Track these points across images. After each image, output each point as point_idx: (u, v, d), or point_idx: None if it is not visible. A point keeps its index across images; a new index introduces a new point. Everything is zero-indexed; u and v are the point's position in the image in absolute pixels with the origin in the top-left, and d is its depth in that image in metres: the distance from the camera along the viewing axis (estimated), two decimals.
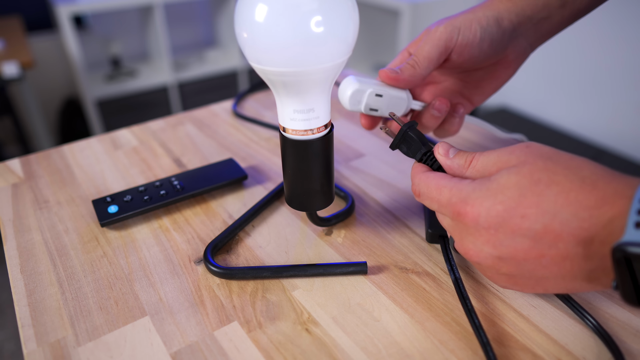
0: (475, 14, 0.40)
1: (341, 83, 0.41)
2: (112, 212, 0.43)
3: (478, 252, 0.30)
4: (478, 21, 0.40)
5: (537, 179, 0.28)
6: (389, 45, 2.33)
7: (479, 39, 0.39)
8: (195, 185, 0.46)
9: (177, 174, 0.48)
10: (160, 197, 0.45)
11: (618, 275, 0.24)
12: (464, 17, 0.40)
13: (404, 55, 0.43)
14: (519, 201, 0.27)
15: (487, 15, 0.40)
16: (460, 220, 0.30)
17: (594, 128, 1.86)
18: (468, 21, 0.39)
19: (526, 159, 0.29)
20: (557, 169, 0.28)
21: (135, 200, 0.44)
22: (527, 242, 0.27)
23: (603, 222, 0.25)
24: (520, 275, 0.29)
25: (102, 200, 0.45)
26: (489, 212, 0.28)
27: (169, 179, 0.47)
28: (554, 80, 1.96)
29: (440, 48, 0.39)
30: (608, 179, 0.26)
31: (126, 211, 0.43)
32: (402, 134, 0.36)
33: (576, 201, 0.26)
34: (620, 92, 1.75)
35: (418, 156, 0.36)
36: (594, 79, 1.82)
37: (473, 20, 0.40)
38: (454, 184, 0.31)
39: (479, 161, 0.32)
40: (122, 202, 0.44)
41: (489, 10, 0.40)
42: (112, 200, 0.45)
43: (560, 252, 0.27)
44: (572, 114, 1.93)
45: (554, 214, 0.26)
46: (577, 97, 1.89)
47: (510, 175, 0.29)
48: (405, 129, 0.36)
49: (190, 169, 0.51)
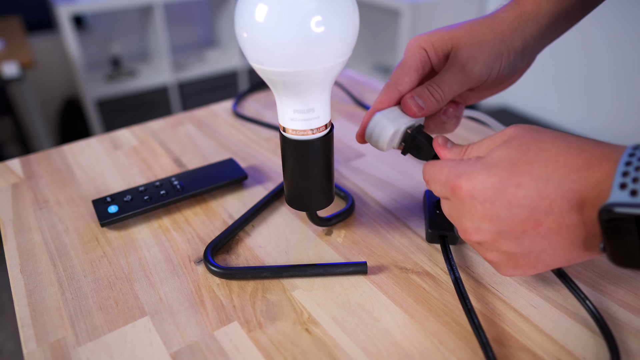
0: (505, 45, 0.39)
1: (370, 124, 0.38)
2: (112, 212, 0.43)
3: (477, 230, 0.30)
4: (507, 57, 0.39)
5: (526, 148, 0.29)
6: (389, 45, 2.33)
7: (504, 75, 0.40)
8: (195, 185, 0.46)
9: (177, 174, 0.48)
10: (160, 197, 0.45)
11: (605, 237, 0.25)
12: (493, 52, 0.38)
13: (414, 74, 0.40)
14: (511, 171, 0.28)
15: (516, 47, 0.39)
16: (456, 197, 0.31)
17: (594, 128, 1.86)
18: (499, 58, 0.39)
19: (514, 134, 0.31)
20: (544, 138, 0.29)
21: (135, 200, 0.44)
22: (524, 212, 0.28)
23: (592, 184, 0.26)
24: (521, 253, 0.30)
25: (102, 200, 0.45)
26: (484, 184, 0.29)
27: (169, 179, 0.47)
28: (554, 80, 1.96)
29: (468, 87, 0.39)
30: (594, 144, 0.27)
31: (126, 211, 0.43)
32: (411, 139, 0.37)
33: (565, 164, 0.27)
34: (620, 92, 1.75)
35: (429, 158, 0.37)
36: (594, 79, 1.82)
37: (503, 56, 0.39)
38: (452, 164, 0.32)
39: (474, 148, 0.33)
40: (122, 202, 0.44)
41: (517, 39, 0.39)
42: (112, 200, 0.45)
43: (556, 220, 0.27)
44: (572, 114, 1.93)
45: (546, 179, 0.27)
46: (577, 97, 1.89)
47: (501, 150, 0.30)
48: (414, 134, 0.37)
49: (190, 169, 0.51)
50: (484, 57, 0.38)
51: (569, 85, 1.91)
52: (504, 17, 0.39)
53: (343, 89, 0.71)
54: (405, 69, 0.39)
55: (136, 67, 2.32)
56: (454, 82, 0.38)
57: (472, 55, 0.38)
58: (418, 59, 0.40)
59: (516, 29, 0.39)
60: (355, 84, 0.74)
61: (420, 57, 0.40)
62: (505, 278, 0.37)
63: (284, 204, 0.47)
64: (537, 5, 0.39)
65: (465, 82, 0.39)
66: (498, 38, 0.39)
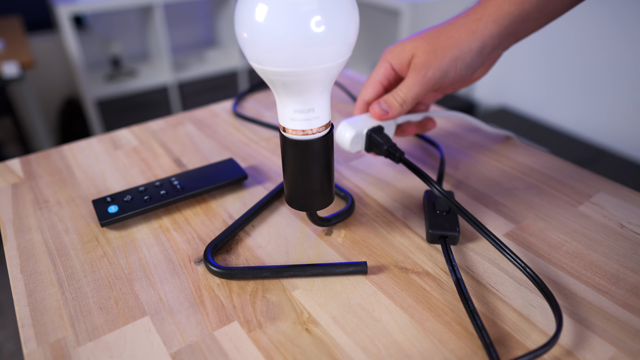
0: (460, 49, 0.43)
1: (337, 130, 0.45)
2: (112, 212, 0.43)
3: None
4: (462, 60, 0.43)
5: None
6: (388, 45, 2.33)
7: (464, 75, 0.44)
8: (195, 185, 0.46)
9: (177, 174, 0.48)
10: (160, 197, 0.45)
11: None
12: (450, 58, 0.43)
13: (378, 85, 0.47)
14: None
15: (472, 49, 0.43)
16: None
17: (594, 128, 1.86)
18: (454, 61, 0.43)
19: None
20: None
21: (135, 200, 0.44)
22: None
23: None
24: None
25: (102, 200, 0.45)
26: None
27: (169, 179, 0.47)
28: (553, 80, 1.96)
29: (428, 90, 0.44)
30: None
31: (126, 211, 0.43)
32: (368, 139, 0.45)
33: None
34: (620, 92, 1.75)
35: (386, 155, 0.44)
36: (593, 79, 1.82)
37: (458, 59, 0.43)
38: None
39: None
40: (122, 202, 0.44)
41: (474, 41, 0.43)
42: (112, 200, 0.45)
43: None
44: (572, 114, 1.93)
45: None
46: (577, 97, 1.89)
47: None
48: (369, 133, 0.45)
49: (190, 169, 0.51)
50: (438, 62, 0.43)
51: (569, 85, 1.91)
52: (463, 21, 0.43)
53: (343, 89, 0.71)
54: (370, 81, 0.47)
55: (136, 67, 2.32)
56: (413, 86, 0.43)
57: (427, 61, 0.43)
58: (382, 72, 0.46)
59: (473, 32, 0.42)
60: (355, 84, 0.74)
61: (384, 70, 0.46)
62: (505, 278, 0.37)
63: (284, 204, 0.47)
64: (498, 7, 0.42)
65: (423, 86, 0.43)
66: (454, 43, 0.43)
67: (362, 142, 0.45)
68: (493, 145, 0.56)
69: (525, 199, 0.47)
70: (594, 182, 0.49)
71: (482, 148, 0.56)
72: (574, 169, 0.51)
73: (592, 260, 0.39)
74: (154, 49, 2.28)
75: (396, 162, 0.44)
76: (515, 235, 0.42)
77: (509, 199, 0.47)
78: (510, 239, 0.41)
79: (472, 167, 0.52)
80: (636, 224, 0.43)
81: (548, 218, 0.44)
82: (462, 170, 0.52)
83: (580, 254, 0.40)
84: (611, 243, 0.41)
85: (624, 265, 0.38)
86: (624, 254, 0.39)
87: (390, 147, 0.44)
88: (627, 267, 0.38)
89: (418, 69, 0.43)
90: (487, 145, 0.56)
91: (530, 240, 0.41)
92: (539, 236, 0.42)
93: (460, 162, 0.53)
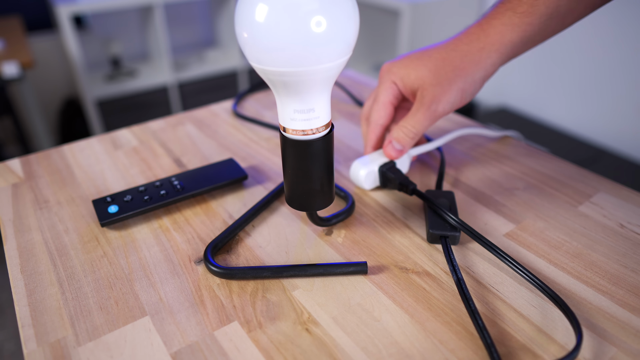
0: (465, 81, 0.43)
1: (350, 171, 0.48)
2: (112, 212, 0.43)
3: None
4: (467, 90, 0.43)
5: None
6: (389, 45, 2.33)
7: (466, 102, 0.45)
8: (195, 185, 0.46)
9: (177, 174, 0.48)
10: (160, 197, 0.45)
11: None
12: (456, 89, 0.43)
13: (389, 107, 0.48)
14: None
15: (476, 80, 0.43)
16: None
17: (594, 128, 1.86)
18: (460, 92, 0.43)
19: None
20: None
21: (136, 200, 0.44)
22: None
23: None
24: None
25: (102, 201, 0.45)
26: None
27: (169, 179, 0.47)
28: (553, 80, 1.96)
29: (434, 119, 0.45)
30: None
31: (126, 211, 0.43)
32: (382, 175, 0.47)
33: None
34: (620, 92, 1.75)
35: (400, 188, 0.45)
36: (593, 79, 1.82)
37: (464, 90, 0.43)
38: None
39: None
40: (122, 202, 0.44)
41: (478, 72, 0.43)
42: (112, 200, 0.45)
43: None
44: (571, 114, 1.93)
45: None
46: (577, 97, 1.89)
47: None
48: (383, 170, 0.46)
49: (190, 169, 0.51)
50: (447, 96, 0.43)
51: (569, 85, 1.91)
52: (466, 50, 0.43)
53: (343, 89, 0.71)
54: (381, 104, 0.47)
55: (136, 67, 2.32)
56: (424, 120, 0.44)
57: (435, 96, 0.43)
58: (390, 93, 0.47)
59: (477, 62, 0.42)
60: (355, 84, 0.74)
61: (392, 91, 0.47)
62: (505, 278, 0.37)
63: (284, 204, 0.47)
64: (501, 36, 0.42)
65: (432, 119, 0.44)
66: (459, 75, 0.43)
67: (376, 179, 0.47)
68: (493, 145, 0.56)
69: (525, 199, 0.47)
70: (594, 182, 0.49)
71: (482, 148, 0.56)
72: (574, 169, 0.51)
73: (592, 260, 0.39)
74: (154, 49, 2.28)
75: (409, 195, 0.45)
76: (515, 235, 0.42)
77: (509, 199, 0.47)
78: (511, 239, 0.41)
79: (472, 167, 0.52)
80: (636, 224, 0.43)
81: (548, 218, 0.44)
82: (462, 170, 0.52)
83: (580, 254, 0.40)
84: (611, 243, 0.41)
85: (624, 265, 0.38)
86: (624, 254, 0.39)
87: (402, 180, 0.45)
88: (627, 267, 0.38)
89: (427, 104, 0.43)
90: (487, 145, 0.56)
91: (530, 240, 0.41)
92: (539, 236, 0.42)
93: (460, 162, 0.53)
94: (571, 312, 0.32)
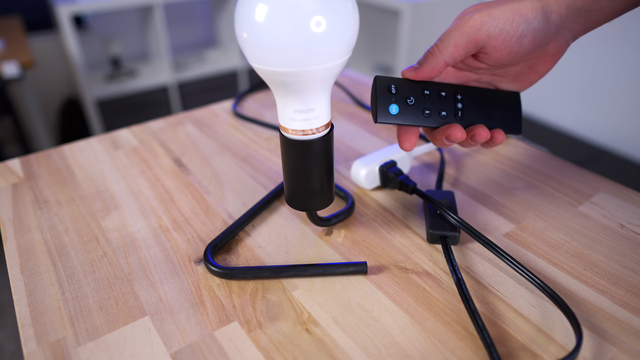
0: (520, 5, 0.36)
1: (351, 170, 0.48)
2: (392, 114, 0.37)
3: None
4: (522, 14, 0.36)
5: None
6: (389, 45, 2.33)
7: (520, 33, 0.37)
8: (472, 118, 0.39)
9: (463, 89, 0.40)
10: (439, 117, 0.39)
11: None
12: (506, 8, 0.36)
13: None
14: None
15: (535, 7, 0.37)
16: None
17: (594, 128, 1.86)
18: (510, 12, 0.36)
19: None
20: None
21: (415, 109, 0.38)
22: None
23: None
24: None
25: (387, 88, 0.38)
26: None
27: (454, 92, 0.40)
28: (553, 80, 1.96)
29: (471, 37, 0.36)
30: None
31: (404, 119, 0.38)
32: (382, 174, 0.47)
33: None
34: (620, 92, 1.75)
35: (400, 187, 0.45)
36: (593, 79, 1.82)
37: (516, 12, 0.36)
38: None
39: None
40: (404, 103, 0.38)
41: (537, 1, 0.37)
42: (396, 92, 0.38)
43: None
44: (571, 114, 1.93)
45: None
46: (577, 97, 1.89)
47: None
48: (383, 170, 0.46)
49: (471, 87, 0.41)
50: (490, 9, 0.37)
51: (569, 85, 1.91)
52: None
53: (343, 89, 0.71)
54: None
55: (136, 67, 2.32)
56: (453, 29, 0.37)
57: (476, 10, 0.37)
58: None
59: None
60: (355, 84, 0.74)
61: None
62: (505, 278, 0.37)
63: (284, 204, 0.47)
64: None
65: (465, 31, 0.36)
66: (512, 1, 0.37)
67: (377, 178, 0.47)
68: None
69: (525, 199, 0.47)
70: (594, 182, 0.49)
71: (482, 148, 0.56)
72: (574, 169, 0.51)
73: (592, 260, 0.39)
74: (154, 49, 2.28)
75: (409, 194, 0.45)
76: (515, 235, 0.42)
77: (509, 199, 0.47)
78: (510, 239, 0.41)
79: (472, 167, 0.52)
80: (636, 224, 0.43)
81: (548, 218, 0.44)
82: (462, 170, 0.52)
83: (580, 254, 0.40)
84: (611, 243, 0.41)
85: (624, 265, 0.38)
86: (624, 254, 0.39)
87: (402, 179, 0.45)
88: (627, 267, 0.38)
89: (462, 14, 0.38)
90: None
91: (530, 240, 0.41)
92: (539, 236, 0.42)
93: (460, 162, 0.53)
94: (571, 312, 0.32)
